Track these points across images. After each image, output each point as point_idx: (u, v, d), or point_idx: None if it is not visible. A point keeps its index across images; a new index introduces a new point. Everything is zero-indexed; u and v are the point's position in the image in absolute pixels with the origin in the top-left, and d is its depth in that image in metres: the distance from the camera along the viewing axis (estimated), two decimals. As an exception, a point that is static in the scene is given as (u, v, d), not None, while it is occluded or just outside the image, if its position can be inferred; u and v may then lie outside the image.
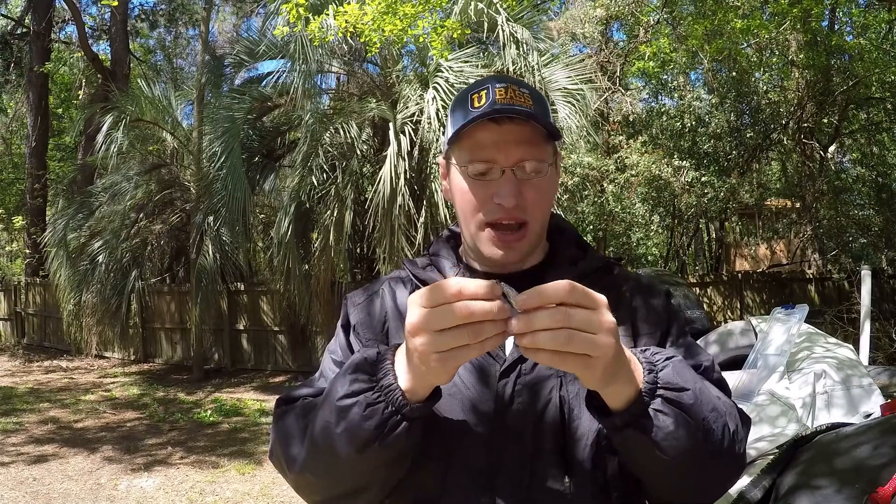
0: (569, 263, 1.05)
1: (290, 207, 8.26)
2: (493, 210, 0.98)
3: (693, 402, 0.83)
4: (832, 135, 10.28)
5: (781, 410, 2.29)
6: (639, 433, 0.82)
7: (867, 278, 3.74)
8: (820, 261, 9.61)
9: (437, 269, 1.08)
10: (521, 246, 1.00)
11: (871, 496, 1.57)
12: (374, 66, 9.94)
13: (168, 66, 20.09)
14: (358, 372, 0.85)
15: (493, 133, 0.96)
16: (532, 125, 0.97)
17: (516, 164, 0.96)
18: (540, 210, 1.00)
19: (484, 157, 0.97)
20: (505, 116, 0.96)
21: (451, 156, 1.03)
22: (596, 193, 8.30)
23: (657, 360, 0.85)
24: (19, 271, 15.33)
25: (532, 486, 0.92)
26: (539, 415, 0.94)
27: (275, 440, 0.97)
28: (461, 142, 1.00)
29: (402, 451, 0.86)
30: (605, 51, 10.49)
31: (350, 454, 0.84)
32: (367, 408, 0.82)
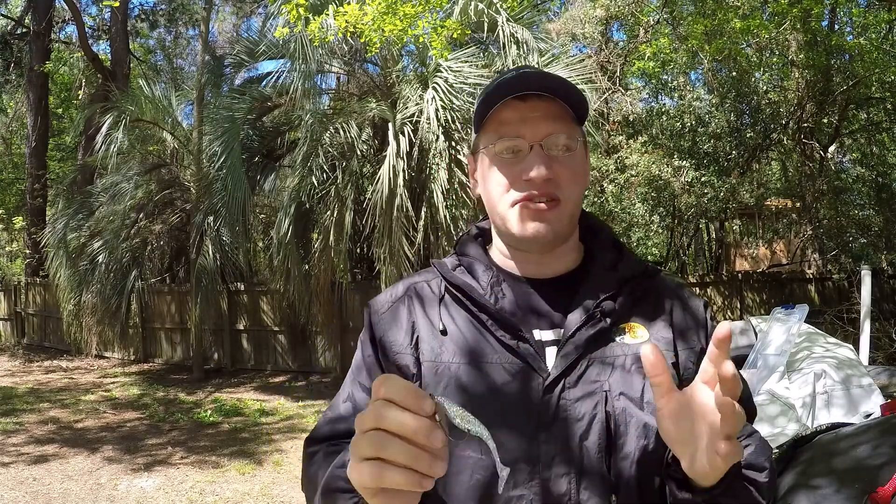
0: (607, 268, 0.99)
1: (290, 207, 8.26)
2: (523, 186, 0.93)
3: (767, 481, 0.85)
4: (832, 135, 10.27)
5: (781, 410, 2.29)
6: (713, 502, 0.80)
7: (867, 278, 3.74)
8: (820, 261, 9.61)
9: (468, 270, 1.01)
10: (555, 218, 0.94)
11: (871, 496, 1.57)
12: (374, 66, 9.94)
13: (168, 66, 20.07)
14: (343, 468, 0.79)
15: (519, 110, 0.93)
16: (559, 103, 0.94)
17: (545, 138, 0.92)
18: (572, 188, 0.95)
19: (511, 133, 0.93)
20: (532, 94, 0.93)
21: (479, 144, 1.00)
22: (596, 193, 8.31)
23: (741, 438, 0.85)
24: (19, 271, 15.32)
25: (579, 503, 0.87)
26: (585, 431, 0.89)
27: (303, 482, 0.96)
28: (487, 125, 0.97)
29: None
30: (605, 51, 10.49)
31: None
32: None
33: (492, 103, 0.94)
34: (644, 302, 0.98)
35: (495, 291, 0.97)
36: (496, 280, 0.99)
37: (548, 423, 0.89)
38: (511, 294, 0.97)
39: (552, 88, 0.93)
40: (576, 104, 0.95)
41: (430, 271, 1.05)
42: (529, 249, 0.98)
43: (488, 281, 0.98)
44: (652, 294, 0.99)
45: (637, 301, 0.97)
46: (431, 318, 0.97)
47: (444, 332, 0.95)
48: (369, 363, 1.00)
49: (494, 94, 0.94)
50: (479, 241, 1.06)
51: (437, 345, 0.95)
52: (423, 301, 1.00)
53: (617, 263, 0.99)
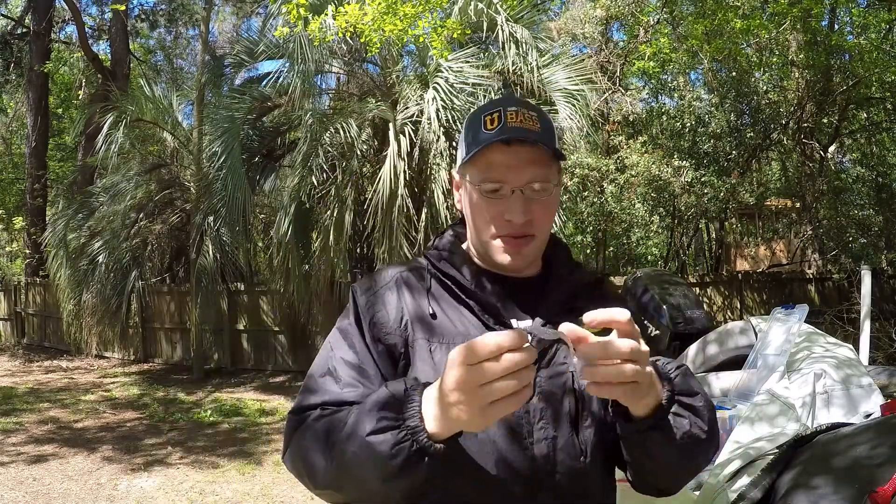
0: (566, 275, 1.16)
1: (290, 207, 8.26)
2: (503, 226, 1.07)
3: (702, 404, 0.99)
4: (832, 135, 10.27)
5: (781, 410, 2.29)
6: (660, 434, 0.94)
7: (867, 278, 3.74)
8: (820, 261, 9.61)
9: (450, 264, 1.13)
10: (528, 252, 1.09)
11: (871, 496, 1.57)
12: (374, 66, 9.94)
13: (168, 66, 20.06)
14: (385, 409, 0.90)
15: (505, 155, 1.05)
16: (540, 147, 1.05)
17: (525, 185, 1.05)
18: (545, 224, 1.10)
19: (496, 178, 1.05)
20: (515, 139, 1.04)
21: (466, 173, 1.11)
22: (596, 194, 8.30)
23: (669, 371, 1.00)
24: (19, 271, 15.32)
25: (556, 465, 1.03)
26: (558, 404, 1.04)
27: (294, 452, 1.02)
28: (474, 161, 1.07)
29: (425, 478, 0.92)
30: (605, 51, 10.48)
31: (375, 484, 0.92)
32: (393, 447, 0.87)
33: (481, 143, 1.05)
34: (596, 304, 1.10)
35: (480, 282, 1.11)
36: (478, 273, 1.12)
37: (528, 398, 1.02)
38: (491, 286, 1.11)
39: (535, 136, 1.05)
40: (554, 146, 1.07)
41: (414, 264, 1.17)
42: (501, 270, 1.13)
43: (471, 274, 1.11)
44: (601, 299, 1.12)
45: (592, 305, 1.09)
46: (420, 303, 1.10)
47: (434, 317, 1.08)
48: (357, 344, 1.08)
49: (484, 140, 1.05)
50: (456, 240, 1.19)
51: (426, 327, 1.07)
52: (412, 288, 1.12)
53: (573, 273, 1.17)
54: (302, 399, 1.05)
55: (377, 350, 1.06)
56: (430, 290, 1.11)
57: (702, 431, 0.97)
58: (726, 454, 2.15)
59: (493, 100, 1.18)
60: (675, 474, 1.06)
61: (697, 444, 0.98)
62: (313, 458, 0.98)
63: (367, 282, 1.15)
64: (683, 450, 0.97)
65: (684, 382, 0.99)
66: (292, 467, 1.04)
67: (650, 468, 1.04)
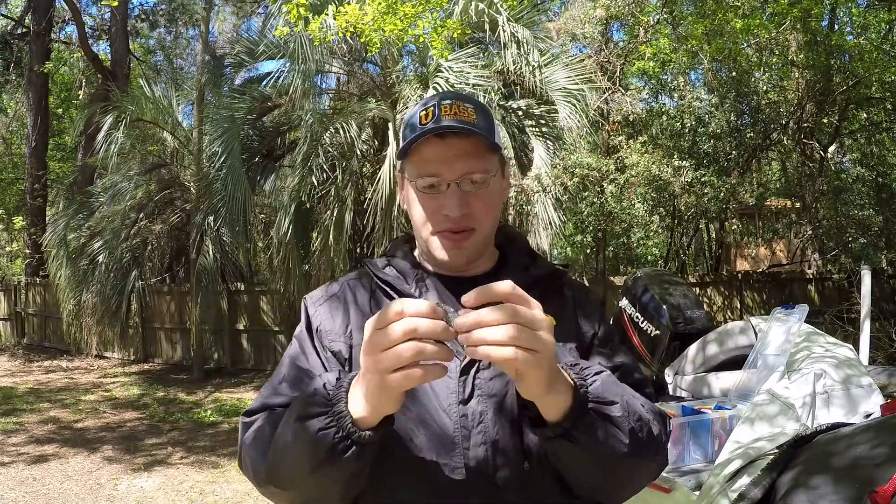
0: (520, 270, 1.12)
1: (290, 207, 8.26)
2: (441, 221, 1.05)
3: (621, 415, 0.91)
4: (832, 135, 10.27)
5: (781, 410, 2.29)
6: (570, 444, 0.88)
7: (867, 278, 3.74)
8: (820, 261, 9.60)
9: (395, 269, 1.13)
10: (468, 247, 1.07)
11: (871, 496, 1.57)
12: (374, 66, 9.94)
13: (168, 66, 20.05)
14: (316, 395, 0.90)
15: (438, 148, 1.03)
16: (475, 138, 1.03)
17: (461, 178, 1.03)
18: (486, 217, 1.07)
19: (430, 172, 1.04)
20: (449, 131, 1.01)
21: (404, 169, 1.10)
22: (596, 194, 8.30)
23: (587, 375, 0.92)
24: (19, 271, 15.32)
25: (496, 471, 0.98)
26: (498, 406, 1.01)
27: (244, 451, 1.03)
28: (410, 157, 1.06)
29: (356, 471, 0.91)
30: (605, 51, 10.48)
31: (305, 472, 0.90)
32: (319, 432, 0.87)
33: (413, 139, 1.02)
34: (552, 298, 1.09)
35: (420, 286, 1.10)
36: (420, 277, 1.11)
37: (466, 400, 1.01)
38: (434, 289, 1.10)
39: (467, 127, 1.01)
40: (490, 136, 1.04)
41: (363, 271, 1.17)
42: (446, 269, 1.11)
43: (414, 277, 1.11)
44: (558, 292, 1.14)
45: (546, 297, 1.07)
46: (363, 310, 1.10)
47: None
48: (306, 350, 1.09)
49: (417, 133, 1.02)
50: (407, 245, 1.19)
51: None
52: (356, 296, 1.13)
53: (529, 266, 1.14)
54: (254, 403, 1.06)
55: (326, 357, 1.07)
56: (372, 297, 1.11)
57: (622, 445, 0.90)
58: (726, 454, 2.15)
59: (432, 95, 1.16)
60: (599, 488, 1.00)
61: (618, 459, 0.91)
62: (256, 455, 0.99)
63: (317, 293, 1.17)
64: (601, 464, 0.91)
65: (602, 389, 0.90)
66: (242, 467, 1.04)
67: (572, 479, 0.98)
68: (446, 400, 1.00)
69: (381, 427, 0.88)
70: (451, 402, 1.00)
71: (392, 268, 1.13)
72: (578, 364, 0.95)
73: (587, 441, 0.88)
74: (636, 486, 1.02)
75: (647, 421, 0.96)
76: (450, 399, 1.00)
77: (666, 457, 1.03)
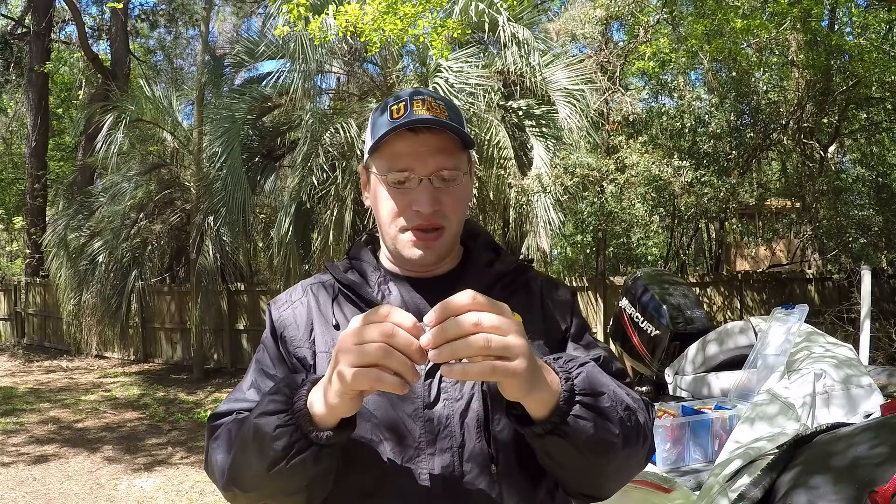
0: (484, 266, 1.11)
1: (290, 207, 8.26)
2: (412, 217, 1.03)
3: (609, 405, 0.89)
4: (832, 135, 10.26)
5: (781, 410, 2.30)
6: (560, 439, 0.86)
7: (867, 278, 3.74)
8: (820, 261, 9.60)
9: (357, 272, 1.11)
10: (438, 246, 1.05)
11: (871, 496, 1.57)
12: (374, 66, 9.94)
13: (168, 66, 20.08)
14: (277, 394, 0.90)
15: (411, 143, 1.01)
16: (448, 135, 1.02)
17: (433, 174, 1.01)
18: (455, 215, 1.05)
19: (402, 167, 1.02)
20: (423, 126, 1.00)
21: (372, 165, 1.07)
22: (596, 194, 8.29)
23: (571, 368, 0.89)
24: (19, 271, 15.32)
25: (463, 476, 0.97)
26: (464, 409, 0.99)
27: (209, 454, 1.02)
28: (381, 151, 1.04)
29: (315, 475, 0.90)
30: (605, 51, 10.47)
31: (262, 471, 0.89)
32: (276, 429, 0.86)
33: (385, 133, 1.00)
34: (518, 294, 1.10)
35: (382, 289, 1.09)
36: (383, 279, 1.10)
37: (431, 404, 1.00)
38: (397, 291, 1.08)
39: (441, 123, 1.00)
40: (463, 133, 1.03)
41: (325, 273, 1.15)
42: (415, 269, 1.09)
43: (376, 280, 1.10)
44: (524, 287, 1.12)
45: (512, 293, 1.09)
46: (325, 315, 1.08)
47: (336, 327, 1.06)
48: (273, 355, 1.09)
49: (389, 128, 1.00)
50: (369, 247, 1.17)
51: (329, 338, 1.06)
52: (319, 300, 1.11)
53: (493, 262, 1.12)
54: (221, 407, 1.06)
55: (291, 363, 1.06)
56: (335, 301, 1.10)
57: (612, 436, 0.88)
58: (726, 454, 2.15)
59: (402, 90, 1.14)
60: (592, 482, 0.98)
61: (609, 450, 0.89)
62: (218, 456, 0.99)
63: (281, 297, 1.16)
64: (592, 457, 0.89)
65: (589, 380, 0.88)
66: (207, 470, 1.04)
67: (562, 475, 0.97)
68: (411, 405, 0.99)
69: (341, 431, 0.87)
70: (417, 406, 0.99)
71: (354, 271, 1.12)
72: (562, 357, 0.93)
73: (577, 435, 0.86)
74: (627, 476, 1.00)
75: (634, 409, 0.95)
76: (415, 404, 0.99)
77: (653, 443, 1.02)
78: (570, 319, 1.12)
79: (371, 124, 1.08)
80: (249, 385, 1.07)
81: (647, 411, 1.01)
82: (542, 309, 1.11)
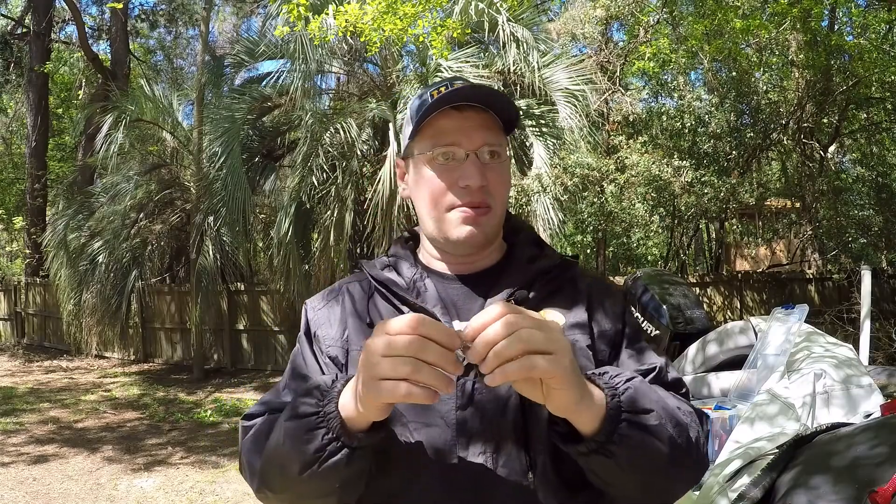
0: (525, 262, 1.06)
1: (290, 207, 8.26)
2: (459, 193, 1.00)
3: (658, 423, 0.84)
4: (832, 135, 10.26)
5: (781, 410, 2.29)
6: (605, 458, 0.82)
7: (867, 278, 3.75)
8: (820, 261, 9.60)
9: (394, 269, 1.09)
10: (486, 223, 1.01)
11: (871, 496, 1.57)
12: (374, 66, 9.94)
13: (168, 66, 20.07)
14: (309, 395, 0.89)
15: (456, 119, 1.00)
16: (491, 114, 1.01)
17: (479, 148, 1.00)
18: (500, 195, 1.03)
19: (448, 141, 1.00)
20: (466, 104, 0.99)
21: (413, 149, 1.05)
22: (596, 194, 8.30)
23: (618, 384, 0.85)
24: (19, 271, 15.32)
25: (497, 484, 0.93)
26: (500, 412, 0.95)
27: (242, 455, 1.01)
28: (423, 132, 1.02)
29: (347, 478, 0.88)
30: (605, 51, 10.47)
31: (293, 474, 0.88)
32: (308, 431, 0.85)
33: (430, 111, 0.99)
34: (562, 292, 1.05)
35: (417, 286, 1.05)
36: (419, 276, 1.06)
37: (464, 406, 0.96)
38: (433, 288, 1.05)
39: (485, 101, 1.00)
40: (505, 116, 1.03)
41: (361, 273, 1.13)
42: (461, 251, 1.05)
43: (411, 277, 1.06)
44: (569, 284, 1.07)
45: (554, 291, 1.05)
46: (360, 313, 1.06)
47: (370, 325, 1.03)
48: (306, 355, 1.07)
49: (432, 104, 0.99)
50: (408, 244, 1.14)
51: (363, 336, 1.02)
52: (355, 298, 1.08)
53: (536, 258, 1.07)
54: (255, 407, 1.05)
55: (324, 362, 1.04)
56: (370, 299, 1.07)
57: (661, 455, 0.84)
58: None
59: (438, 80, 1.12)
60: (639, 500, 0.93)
61: (657, 470, 0.86)
62: (252, 458, 0.97)
63: (316, 298, 1.14)
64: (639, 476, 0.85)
65: (636, 397, 0.84)
66: (241, 471, 1.02)
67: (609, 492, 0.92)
68: (444, 406, 0.95)
69: (373, 433, 0.86)
70: (450, 408, 0.95)
71: (391, 268, 1.09)
72: (607, 372, 0.89)
73: (624, 454, 0.82)
74: (676, 495, 0.95)
75: (685, 426, 0.90)
76: (448, 405, 0.95)
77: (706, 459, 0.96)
78: (621, 323, 1.05)
79: (409, 113, 1.06)
80: (284, 385, 1.06)
81: (701, 424, 0.96)
82: (590, 309, 1.05)
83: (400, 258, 1.11)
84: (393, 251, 1.14)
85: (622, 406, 0.83)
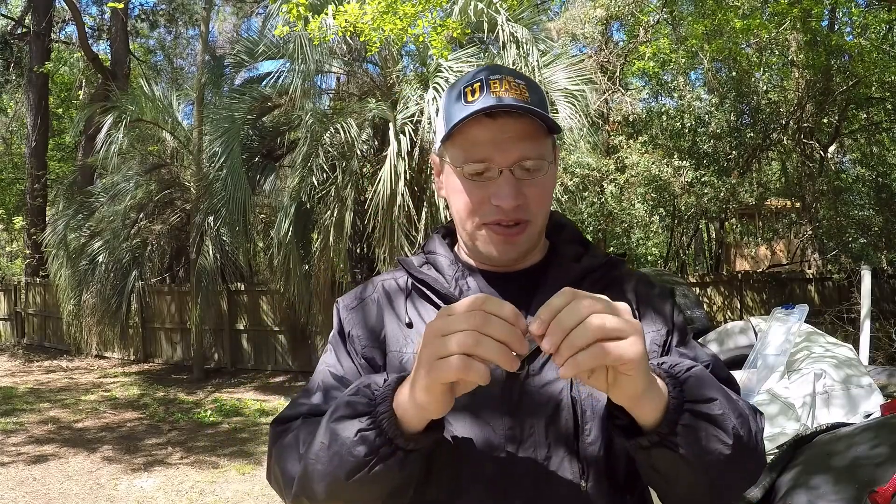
0: (571, 261, 1.01)
1: (290, 207, 8.26)
2: (491, 212, 0.93)
3: (721, 413, 0.80)
4: (832, 135, 10.27)
5: (781, 409, 2.30)
6: (668, 451, 0.78)
7: (867, 278, 3.75)
8: (820, 261, 9.61)
9: (434, 267, 1.03)
10: (521, 241, 0.96)
11: (871, 495, 1.57)
12: (374, 66, 9.94)
13: (168, 66, 20.08)
14: (357, 395, 0.83)
15: (489, 129, 0.90)
16: (530, 119, 0.91)
17: (515, 164, 0.91)
18: (541, 208, 0.96)
19: (480, 157, 0.91)
20: (501, 112, 0.90)
21: (445, 154, 0.97)
22: (596, 194, 8.30)
23: (679, 373, 0.81)
24: (19, 271, 15.32)
25: (547, 490, 0.89)
26: (551, 416, 0.90)
27: (273, 461, 0.94)
28: (454, 139, 0.94)
29: (397, 484, 0.83)
30: (605, 51, 10.48)
31: (339, 480, 0.82)
32: (357, 433, 0.80)
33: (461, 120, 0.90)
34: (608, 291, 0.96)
35: (460, 284, 0.99)
36: (461, 274, 1.01)
37: (513, 409, 0.91)
38: (476, 286, 0.99)
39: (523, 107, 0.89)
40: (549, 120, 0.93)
41: (398, 269, 1.07)
42: (496, 264, 1.00)
43: (453, 275, 1.00)
44: (616, 284, 1.01)
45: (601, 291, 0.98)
46: (398, 312, 1.01)
47: (409, 325, 0.99)
48: (341, 356, 1.01)
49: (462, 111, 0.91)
50: (445, 240, 1.07)
51: (402, 337, 0.98)
52: (391, 297, 1.03)
53: (581, 256, 1.02)
54: (286, 410, 0.99)
55: (360, 363, 0.99)
56: (408, 298, 1.02)
57: (725, 446, 0.79)
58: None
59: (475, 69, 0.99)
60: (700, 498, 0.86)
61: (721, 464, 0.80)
62: (287, 464, 0.90)
63: (349, 296, 1.08)
64: (702, 468, 0.80)
65: (699, 385, 0.79)
66: (270, 479, 0.96)
67: (667, 490, 0.87)
68: (491, 408, 0.91)
69: (428, 434, 0.80)
70: (497, 411, 0.91)
71: (430, 265, 1.03)
72: (666, 361, 0.84)
73: (688, 446, 0.77)
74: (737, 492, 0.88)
75: (746, 417, 0.85)
76: (497, 410, 0.91)
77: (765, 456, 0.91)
78: (671, 322, 1.01)
79: (443, 109, 0.97)
80: (316, 387, 0.99)
81: (757, 420, 0.91)
82: (638, 309, 1.00)
83: (438, 255, 1.04)
84: (430, 248, 1.07)
85: (685, 395, 0.78)
